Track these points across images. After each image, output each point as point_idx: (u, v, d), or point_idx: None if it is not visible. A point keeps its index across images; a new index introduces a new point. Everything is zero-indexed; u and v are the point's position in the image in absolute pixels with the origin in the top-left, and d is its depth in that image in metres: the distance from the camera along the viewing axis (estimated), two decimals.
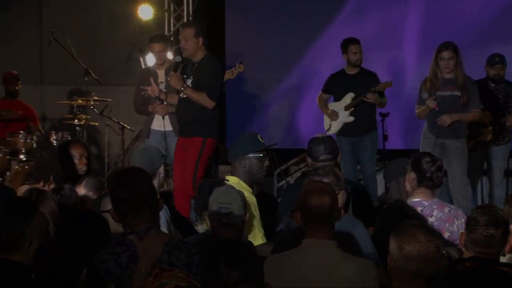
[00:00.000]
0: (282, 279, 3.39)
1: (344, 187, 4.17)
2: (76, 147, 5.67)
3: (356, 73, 7.74)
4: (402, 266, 3.02)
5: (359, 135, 7.66)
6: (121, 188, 3.30)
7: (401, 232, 3.07)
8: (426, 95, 6.86)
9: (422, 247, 3.00)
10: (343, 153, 7.45)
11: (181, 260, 3.19)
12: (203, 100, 6.49)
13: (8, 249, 3.10)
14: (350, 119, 7.67)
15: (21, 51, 9.51)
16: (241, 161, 4.63)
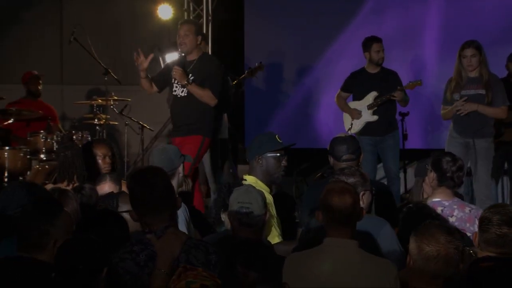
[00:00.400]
0: (302, 278, 3.39)
1: (370, 188, 4.16)
2: (99, 146, 5.68)
3: (378, 72, 7.66)
4: (422, 266, 3.01)
5: (381, 135, 7.59)
6: (140, 187, 3.31)
7: (421, 232, 3.06)
8: (458, 96, 6.81)
9: (442, 248, 2.99)
10: (364, 153, 7.40)
11: (199, 259, 3.20)
12: (207, 97, 6.41)
13: (33, 248, 3.13)
14: (374, 118, 7.60)
15: (42, 51, 9.57)
16: (259, 160, 4.63)
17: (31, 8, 9.64)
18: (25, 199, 3.65)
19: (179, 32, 6.54)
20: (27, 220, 3.18)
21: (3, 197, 3.69)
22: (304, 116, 9.40)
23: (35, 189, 3.78)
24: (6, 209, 3.65)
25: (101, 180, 5.06)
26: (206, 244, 3.31)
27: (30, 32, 9.64)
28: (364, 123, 7.65)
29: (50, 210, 3.19)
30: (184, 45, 6.47)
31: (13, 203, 3.65)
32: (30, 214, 3.19)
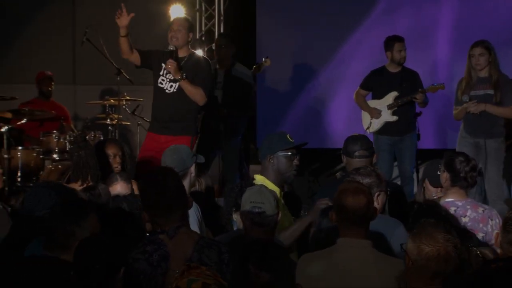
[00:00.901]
0: (316, 278, 3.39)
1: (385, 189, 4.15)
2: (110, 146, 5.70)
3: (399, 72, 7.62)
4: (422, 266, 3.00)
5: (400, 135, 7.55)
6: (151, 188, 3.32)
7: (418, 232, 3.05)
8: (467, 98, 6.80)
9: (442, 247, 2.98)
10: (381, 152, 7.41)
11: (212, 259, 3.21)
12: (198, 95, 6.30)
13: (59, 248, 3.15)
14: (393, 119, 7.55)
15: (55, 51, 9.59)
16: (270, 159, 4.60)
17: (44, 9, 9.67)
18: (53, 200, 3.67)
19: (172, 26, 6.41)
20: (54, 220, 3.20)
21: (31, 198, 3.71)
22: (316, 116, 9.39)
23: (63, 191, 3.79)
24: (34, 210, 3.67)
25: (112, 181, 5.07)
26: (219, 243, 3.32)
27: (43, 33, 9.67)
28: (383, 122, 7.59)
29: (77, 212, 3.21)
30: (176, 39, 6.32)
31: (41, 204, 3.67)
32: (58, 215, 3.21)
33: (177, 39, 6.31)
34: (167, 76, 6.36)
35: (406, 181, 7.51)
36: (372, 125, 7.63)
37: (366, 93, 7.81)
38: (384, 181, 4.16)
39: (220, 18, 9.49)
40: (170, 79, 6.34)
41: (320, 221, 3.99)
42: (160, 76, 6.40)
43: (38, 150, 7.61)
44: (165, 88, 6.36)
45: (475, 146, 6.77)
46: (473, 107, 6.74)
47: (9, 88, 8.67)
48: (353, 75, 8.95)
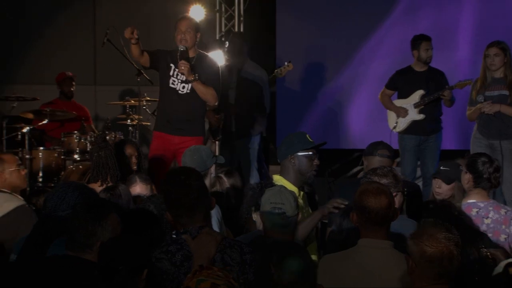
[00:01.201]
0: (337, 279, 3.39)
1: (402, 189, 4.14)
2: (126, 146, 5.73)
3: (425, 71, 7.57)
4: (426, 268, 2.98)
5: (426, 134, 7.51)
6: (174, 188, 3.33)
7: (419, 234, 3.04)
8: (482, 98, 6.76)
9: (444, 247, 2.96)
10: (406, 152, 7.38)
11: (234, 259, 3.22)
12: (210, 95, 6.25)
13: (80, 247, 3.16)
14: (420, 117, 7.51)
15: (75, 52, 9.65)
16: (291, 159, 4.60)
17: (64, 10, 9.73)
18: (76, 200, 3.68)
19: (179, 27, 6.29)
20: (75, 220, 3.22)
21: (54, 198, 3.73)
22: (336, 116, 9.37)
23: (86, 191, 3.81)
24: (56, 210, 3.69)
25: (132, 182, 5.08)
26: (241, 243, 3.32)
27: (64, 34, 9.72)
28: (409, 121, 7.54)
29: (98, 212, 3.22)
30: (185, 41, 6.23)
31: (63, 204, 3.69)
32: (79, 215, 3.22)
33: (186, 41, 6.25)
34: (178, 77, 6.32)
35: (428, 182, 7.47)
36: (398, 125, 7.57)
37: (392, 92, 7.74)
38: (401, 182, 4.15)
39: (240, 18, 9.49)
40: (182, 80, 6.30)
41: (340, 222, 3.98)
42: (171, 77, 6.34)
43: (59, 151, 7.66)
44: (178, 89, 6.31)
45: (489, 148, 6.73)
46: (487, 107, 6.70)
47: (31, 89, 8.73)
48: (373, 75, 8.94)
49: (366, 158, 4.95)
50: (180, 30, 6.27)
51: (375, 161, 4.81)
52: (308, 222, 4.31)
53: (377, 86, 8.16)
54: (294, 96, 9.37)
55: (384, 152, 4.84)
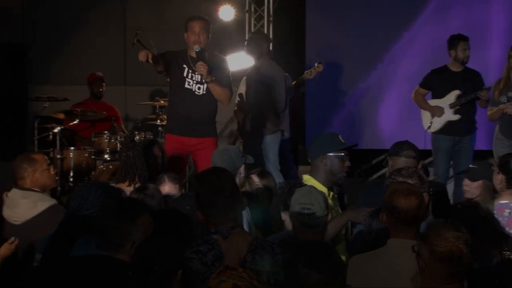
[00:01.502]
0: (367, 279, 3.38)
1: (427, 190, 4.11)
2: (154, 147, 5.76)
3: (461, 71, 7.50)
4: (436, 267, 2.97)
5: (460, 135, 7.45)
6: (206, 189, 3.34)
7: (428, 234, 3.02)
8: (505, 99, 6.70)
9: (453, 246, 2.95)
10: (440, 152, 7.32)
11: (266, 259, 3.22)
12: (225, 96, 6.23)
13: (112, 247, 3.18)
14: (456, 117, 7.44)
15: (106, 52, 9.72)
16: (322, 159, 4.58)
17: (95, 11, 9.81)
18: (100, 199, 3.71)
19: (193, 28, 6.24)
20: (108, 220, 3.24)
21: (78, 197, 3.76)
22: (365, 117, 9.33)
23: (109, 190, 3.83)
24: (80, 209, 3.72)
25: (160, 181, 5.10)
26: (272, 244, 3.33)
27: (94, 35, 9.80)
28: (445, 122, 7.47)
29: (131, 212, 3.23)
30: (199, 42, 6.19)
31: (87, 203, 3.71)
32: (112, 214, 3.24)
33: (200, 42, 6.21)
34: (193, 79, 6.28)
35: (460, 183, 7.38)
36: (433, 125, 7.50)
37: (426, 92, 7.67)
38: (426, 182, 4.13)
39: (269, 19, 9.49)
40: (197, 80, 6.26)
41: (370, 222, 3.97)
42: (186, 78, 6.30)
43: (90, 151, 7.72)
44: (194, 90, 6.27)
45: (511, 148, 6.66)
46: (510, 108, 6.63)
47: (62, 89, 8.81)
48: (403, 74, 8.89)
49: (391, 158, 4.93)
50: (194, 31, 6.23)
51: (401, 161, 4.78)
52: (336, 222, 4.30)
53: (407, 85, 8.12)
54: (323, 96, 9.35)
55: (410, 153, 4.81)
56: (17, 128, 9.60)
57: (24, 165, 5.02)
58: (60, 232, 3.79)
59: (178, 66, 6.30)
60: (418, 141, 7.01)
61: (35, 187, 5.00)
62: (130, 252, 3.14)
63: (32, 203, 4.91)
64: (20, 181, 5.01)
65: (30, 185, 4.99)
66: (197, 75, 6.23)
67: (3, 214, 4.95)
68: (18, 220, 4.92)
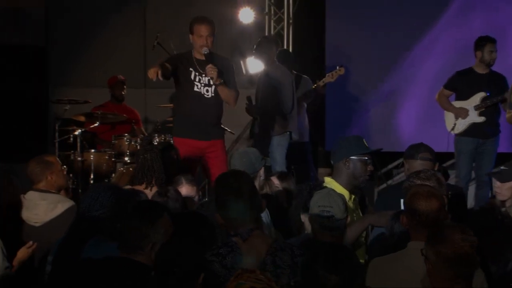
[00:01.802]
0: (387, 282, 3.37)
1: (445, 193, 4.09)
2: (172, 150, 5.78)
3: (487, 73, 7.44)
4: (442, 269, 2.98)
5: (484, 137, 7.39)
6: (224, 191, 3.34)
7: (435, 236, 3.04)
8: None
9: (459, 248, 2.96)
10: (462, 154, 7.27)
11: (285, 262, 3.22)
12: (233, 98, 6.20)
13: (132, 249, 3.19)
14: (481, 119, 7.38)
15: (126, 55, 9.75)
16: (345, 162, 4.56)
17: (115, 14, 9.85)
18: (109, 200, 3.72)
19: (200, 31, 6.19)
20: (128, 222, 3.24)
21: (88, 198, 3.77)
22: (386, 119, 9.28)
23: (118, 191, 3.85)
24: (90, 210, 3.73)
25: (178, 183, 5.10)
26: (292, 246, 3.32)
27: (115, 38, 9.84)
28: (469, 123, 7.42)
29: (151, 214, 3.24)
30: (207, 46, 6.15)
31: (97, 204, 3.72)
32: (132, 216, 3.25)
33: (208, 45, 6.19)
34: (201, 82, 6.25)
35: (482, 185, 7.35)
36: (457, 126, 7.43)
37: (450, 93, 7.59)
38: (444, 185, 4.11)
39: (289, 21, 9.48)
40: (205, 83, 6.24)
41: (392, 225, 3.95)
42: (194, 82, 6.25)
43: (110, 153, 7.75)
44: (203, 93, 6.23)
45: None
46: None
47: (83, 92, 8.85)
48: (424, 77, 8.83)
49: (407, 161, 4.90)
50: (201, 34, 6.19)
51: (417, 164, 4.76)
52: (357, 226, 4.28)
53: (428, 88, 8.07)
54: (342, 98, 9.32)
55: (426, 155, 4.78)
56: (38, 131, 9.66)
57: (40, 168, 5.04)
58: (71, 234, 3.81)
59: (185, 70, 6.27)
60: (440, 143, 6.98)
61: (51, 189, 5.02)
62: (151, 254, 3.14)
63: (52, 204, 4.94)
64: (37, 185, 5.04)
65: (47, 187, 5.01)
66: (204, 77, 6.21)
67: (23, 216, 4.98)
68: (38, 222, 4.94)
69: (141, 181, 5.19)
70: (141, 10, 9.98)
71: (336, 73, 7.79)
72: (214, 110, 6.26)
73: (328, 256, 2.93)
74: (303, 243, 3.80)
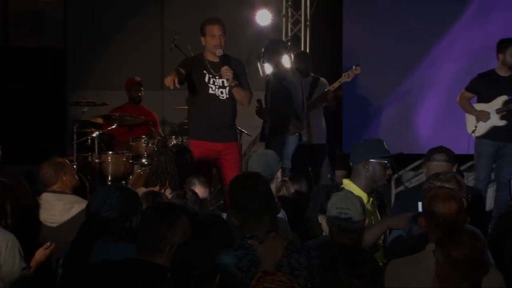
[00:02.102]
0: (404, 283, 3.35)
1: (465, 195, 4.06)
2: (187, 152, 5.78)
3: (510, 76, 7.39)
4: (450, 272, 2.98)
5: (505, 140, 7.32)
6: (241, 193, 3.34)
7: (445, 239, 3.04)
8: None
9: (467, 251, 2.96)
10: (483, 156, 7.23)
11: (302, 264, 3.21)
12: (247, 98, 6.18)
13: (150, 251, 3.19)
14: (502, 123, 7.32)
15: (144, 58, 9.79)
16: (365, 165, 4.55)
17: (133, 17, 9.89)
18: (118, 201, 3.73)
19: (213, 32, 6.16)
20: (146, 223, 3.25)
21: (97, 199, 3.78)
22: (403, 121, 9.24)
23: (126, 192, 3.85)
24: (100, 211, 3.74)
25: (190, 184, 5.10)
26: (309, 248, 3.31)
27: (133, 40, 9.88)
28: (490, 126, 7.37)
29: (169, 216, 3.24)
30: (220, 46, 6.14)
31: (106, 205, 3.74)
32: (150, 218, 3.25)
33: (221, 46, 6.18)
34: (215, 83, 6.23)
35: (502, 187, 7.29)
36: (477, 129, 7.39)
37: (472, 96, 7.56)
38: (464, 188, 4.09)
39: (306, 23, 9.46)
40: (219, 85, 6.22)
41: (410, 227, 3.93)
42: (208, 84, 6.23)
43: (128, 155, 7.76)
44: (217, 95, 6.22)
45: None
46: None
47: (101, 94, 8.89)
48: (442, 78, 8.78)
49: (424, 164, 4.91)
50: (214, 35, 6.17)
51: (432, 166, 4.75)
52: (375, 229, 4.27)
53: (446, 89, 8.03)
54: (360, 100, 9.29)
55: (441, 156, 4.76)
56: (56, 133, 9.71)
57: (54, 170, 5.06)
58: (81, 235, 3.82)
59: (199, 73, 6.25)
60: (461, 146, 6.94)
61: (66, 190, 5.03)
62: (169, 256, 3.14)
63: (68, 204, 4.96)
64: (51, 187, 5.05)
65: (62, 188, 5.02)
66: (218, 79, 6.20)
67: (40, 218, 5.00)
68: (55, 222, 4.96)
69: (155, 183, 5.21)
70: (159, 12, 10.01)
71: (352, 72, 7.75)
72: (229, 112, 6.25)
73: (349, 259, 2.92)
74: (320, 246, 3.79)
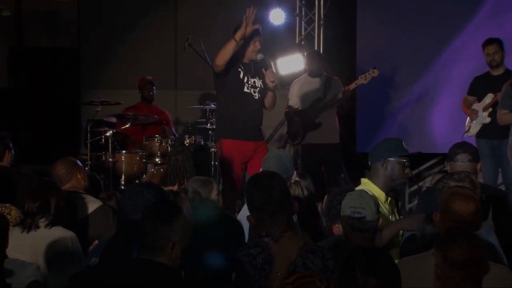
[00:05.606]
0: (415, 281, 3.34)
1: (479, 195, 4.02)
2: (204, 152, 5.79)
3: (502, 74, 7.38)
4: (449, 273, 2.98)
5: (498, 138, 7.27)
6: (257, 192, 3.34)
7: (444, 240, 3.03)
8: None
9: (466, 252, 2.95)
10: (482, 157, 7.17)
11: (316, 265, 3.20)
12: (274, 103, 6.34)
13: (152, 250, 3.18)
14: (487, 120, 7.36)
15: (157, 57, 9.81)
16: (384, 164, 4.51)
17: (147, 16, 9.91)
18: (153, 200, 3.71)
19: (255, 37, 6.23)
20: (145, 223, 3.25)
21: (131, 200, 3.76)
22: (417, 121, 9.21)
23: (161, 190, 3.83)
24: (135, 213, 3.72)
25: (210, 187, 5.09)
26: (323, 249, 3.31)
27: (146, 39, 9.90)
28: (479, 125, 7.43)
29: (169, 214, 3.23)
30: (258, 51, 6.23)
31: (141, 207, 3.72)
32: (150, 217, 3.25)
33: (259, 49, 6.24)
34: (249, 83, 6.25)
35: (509, 187, 7.24)
36: (470, 129, 7.48)
37: (473, 99, 7.61)
38: (478, 188, 4.04)
39: (320, 22, 9.44)
40: (252, 85, 6.25)
41: (424, 227, 3.91)
42: (244, 83, 6.24)
43: (141, 154, 7.78)
44: (252, 94, 6.26)
45: None
46: None
47: (114, 93, 8.91)
48: (457, 78, 8.75)
49: (448, 163, 4.85)
50: (256, 39, 6.24)
51: (457, 166, 4.70)
52: (388, 230, 4.25)
53: (460, 89, 7.99)
54: (373, 100, 9.26)
55: (465, 157, 4.71)
56: (70, 132, 9.75)
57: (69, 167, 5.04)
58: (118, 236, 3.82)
59: (236, 70, 6.25)
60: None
61: (80, 189, 5.03)
62: (172, 255, 3.13)
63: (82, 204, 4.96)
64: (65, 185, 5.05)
65: (76, 187, 5.01)
66: (251, 79, 6.23)
67: None
68: None
69: (173, 182, 5.22)
70: (173, 12, 10.02)
71: (369, 74, 7.71)
72: (261, 112, 6.33)
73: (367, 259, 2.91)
74: (334, 245, 3.78)
